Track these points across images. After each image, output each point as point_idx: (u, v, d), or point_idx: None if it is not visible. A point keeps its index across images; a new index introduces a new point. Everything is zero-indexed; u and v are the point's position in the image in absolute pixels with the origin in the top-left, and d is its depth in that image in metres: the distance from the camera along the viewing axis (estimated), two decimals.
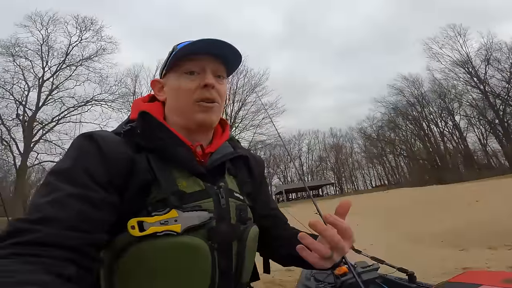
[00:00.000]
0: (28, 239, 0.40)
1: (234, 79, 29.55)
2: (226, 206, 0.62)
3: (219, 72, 0.69)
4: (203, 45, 0.65)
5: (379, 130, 43.49)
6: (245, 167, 0.75)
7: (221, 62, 0.69)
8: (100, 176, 0.51)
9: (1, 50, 20.01)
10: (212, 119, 0.67)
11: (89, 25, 22.95)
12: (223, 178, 0.66)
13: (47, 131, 21.15)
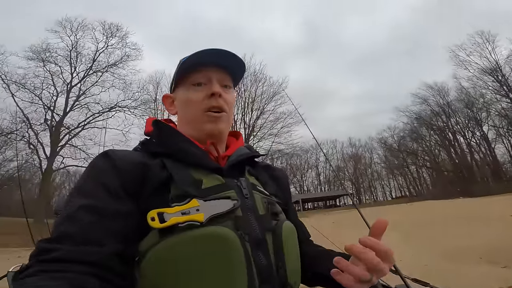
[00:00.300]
0: (50, 257, 0.43)
1: (253, 87, 29.77)
2: (250, 197, 0.59)
3: (225, 82, 0.71)
4: (208, 56, 0.67)
5: (400, 140, 42.23)
6: (267, 173, 0.74)
7: (226, 72, 0.71)
8: (113, 187, 0.52)
9: (32, 55, 21.03)
10: (220, 128, 0.68)
11: (115, 32, 23.86)
12: (243, 176, 0.65)
13: (73, 136, 21.98)
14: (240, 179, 0.62)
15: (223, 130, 0.69)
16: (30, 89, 20.61)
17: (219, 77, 0.69)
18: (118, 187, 0.52)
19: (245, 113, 29.79)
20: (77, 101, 22.40)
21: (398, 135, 42.56)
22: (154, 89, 26.91)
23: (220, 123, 0.68)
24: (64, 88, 22.17)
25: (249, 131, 29.42)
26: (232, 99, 0.72)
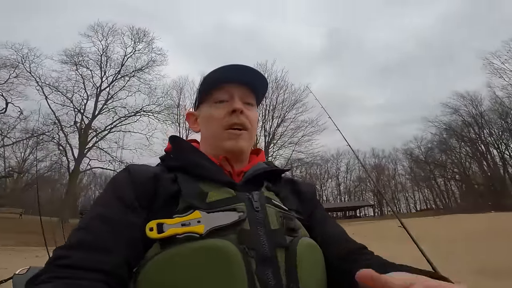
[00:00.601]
0: (64, 263, 0.44)
1: (274, 95, 29.69)
2: (262, 210, 0.56)
3: (247, 99, 0.70)
4: (230, 72, 0.67)
5: (428, 151, 40.36)
6: (290, 188, 0.71)
7: (249, 89, 0.71)
8: (129, 200, 0.54)
9: (66, 59, 22.23)
10: (241, 146, 0.67)
11: (142, 37, 24.78)
12: (258, 190, 0.62)
13: (100, 139, 22.86)
14: (253, 192, 0.59)
15: (243, 148, 0.68)
16: (63, 92, 21.78)
17: (242, 94, 0.69)
18: (133, 200, 0.54)
19: (265, 121, 29.73)
20: (105, 104, 23.34)
21: (425, 146, 40.76)
22: (177, 95, 27.53)
23: (240, 141, 0.67)
24: (94, 92, 23.24)
25: (269, 138, 29.29)
26: (255, 117, 0.72)
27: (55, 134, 21.51)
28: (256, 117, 0.73)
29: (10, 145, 21.91)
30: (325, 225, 0.67)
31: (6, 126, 20.13)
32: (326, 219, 0.70)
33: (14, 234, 13.75)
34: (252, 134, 0.70)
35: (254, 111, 0.72)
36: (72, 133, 22.13)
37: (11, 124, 20.33)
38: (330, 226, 0.68)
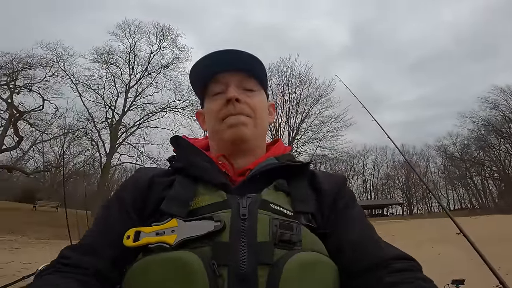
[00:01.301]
0: (65, 262, 0.51)
1: (298, 90, 29.22)
2: (250, 218, 0.48)
3: (247, 85, 0.65)
4: (221, 59, 0.63)
5: (464, 148, 37.88)
6: (308, 184, 0.61)
7: (246, 75, 0.66)
8: (126, 202, 0.57)
9: (97, 57, 23.24)
10: (243, 133, 0.61)
11: (166, 34, 25.27)
12: (259, 192, 0.54)
13: (129, 134, 23.83)
14: (248, 195, 0.52)
15: (246, 136, 0.62)
16: (95, 89, 22.86)
17: (238, 80, 0.65)
18: (129, 203, 0.56)
19: (289, 116, 29.40)
20: (134, 101, 24.25)
21: (461, 142, 38.29)
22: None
23: (241, 128, 0.61)
24: (123, 89, 24.19)
25: (293, 134, 28.96)
26: (259, 102, 0.66)
27: (88, 130, 22.71)
28: (262, 102, 0.67)
29: (48, 141, 23.44)
30: (347, 229, 0.54)
31: (43, 122, 21.46)
32: (353, 220, 0.56)
33: (49, 228, 14.59)
34: (257, 121, 0.64)
35: (258, 97, 0.66)
36: (104, 129, 23.23)
37: (48, 121, 21.63)
38: (353, 230, 0.54)
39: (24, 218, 16.71)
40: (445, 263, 7.04)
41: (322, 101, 28.30)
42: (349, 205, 0.59)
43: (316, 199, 0.58)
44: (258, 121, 0.64)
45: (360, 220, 0.57)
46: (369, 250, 0.50)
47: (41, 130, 21.24)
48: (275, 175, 0.58)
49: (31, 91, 20.48)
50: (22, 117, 20.24)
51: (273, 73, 29.80)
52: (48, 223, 15.77)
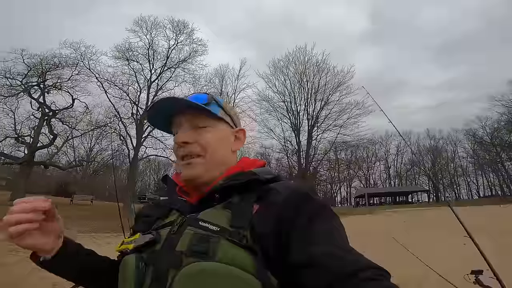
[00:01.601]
0: None
1: (316, 78, 28.80)
2: (178, 233, 0.59)
3: (198, 123, 0.70)
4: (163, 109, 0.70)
5: (494, 132, 35.95)
6: (262, 201, 0.61)
7: (196, 112, 0.70)
8: None
9: (118, 55, 23.89)
10: (192, 175, 0.68)
11: (182, 29, 25.43)
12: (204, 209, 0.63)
13: (153, 128, 24.65)
14: (191, 215, 0.62)
15: (198, 176, 0.68)
16: (119, 86, 23.69)
17: (188, 120, 0.70)
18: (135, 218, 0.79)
19: (308, 104, 29.18)
20: (156, 95, 24.95)
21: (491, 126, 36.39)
22: (219, 82, 28.31)
23: (191, 169, 0.69)
24: (145, 84, 24.92)
25: (312, 122, 28.80)
26: (213, 138, 0.70)
27: (116, 125, 23.79)
28: (217, 137, 0.71)
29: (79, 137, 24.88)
30: (308, 244, 0.52)
31: (73, 119, 22.70)
32: (316, 235, 0.53)
33: (87, 221, 15.26)
34: (209, 156, 0.69)
35: (211, 133, 0.70)
36: (130, 124, 24.22)
37: (77, 118, 22.86)
38: (316, 245, 0.51)
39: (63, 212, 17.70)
40: (470, 253, 6.98)
41: (341, 88, 27.90)
42: (312, 219, 0.56)
43: (264, 215, 0.58)
44: (210, 157, 0.69)
45: (325, 234, 0.53)
46: (334, 263, 0.48)
47: (71, 127, 22.54)
48: (228, 194, 0.63)
49: (60, 90, 21.67)
50: (55, 116, 21.56)
51: (289, 62, 29.66)
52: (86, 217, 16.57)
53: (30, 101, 20.94)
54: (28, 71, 20.14)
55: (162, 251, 0.58)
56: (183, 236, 0.58)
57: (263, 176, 0.66)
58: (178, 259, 0.54)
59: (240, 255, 0.53)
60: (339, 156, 38.30)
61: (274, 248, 0.54)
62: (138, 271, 0.58)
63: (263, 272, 0.51)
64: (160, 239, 0.61)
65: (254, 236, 0.55)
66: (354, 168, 49.45)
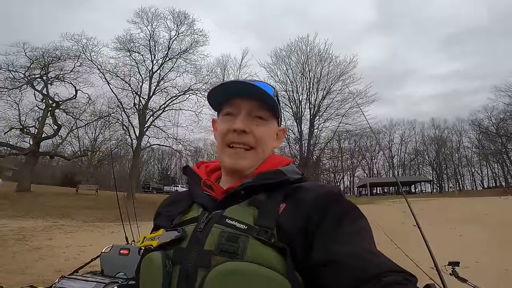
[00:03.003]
0: None
1: (318, 68, 28.46)
2: (205, 231, 0.57)
3: (258, 113, 0.67)
4: (238, 86, 0.67)
5: (500, 123, 35.36)
6: (290, 199, 0.61)
7: (259, 102, 0.67)
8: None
9: (119, 46, 23.94)
10: (240, 166, 0.66)
11: (183, 19, 25.31)
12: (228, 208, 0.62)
13: (155, 118, 24.80)
14: (217, 212, 0.60)
15: (244, 168, 0.67)
16: (121, 76, 23.75)
17: (249, 107, 0.67)
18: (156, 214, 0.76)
19: (310, 93, 28.94)
20: (158, 86, 24.96)
21: (497, 117, 35.75)
22: (221, 72, 28.22)
23: (240, 160, 0.66)
24: (147, 75, 24.93)
25: (314, 111, 28.65)
26: (265, 132, 0.68)
27: (118, 115, 23.95)
28: (268, 130, 0.69)
29: (83, 127, 25.14)
30: (334, 245, 0.51)
31: (77, 110, 22.95)
32: (342, 236, 0.52)
33: (91, 210, 15.66)
34: (258, 150, 0.67)
35: (265, 126, 0.68)
36: (132, 114, 24.37)
37: (81, 108, 23.10)
38: (341, 245, 0.50)
39: (69, 202, 18.05)
40: (463, 245, 6.98)
41: (343, 77, 27.56)
42: (340, 220, 0.55)
43: (291, 214, 0.57)
44: (259, 151, 0.67)
45: (352, 235, 0.53)
46: (357, 264, 0.47)
47: (75, 117, 22.77)
48: (254, 191, 0.62)
49: (63, 81, 21.85)
50: (59, 107, 21.76)
51: (292, 52, 29.26)
52: (91, 206, 16.97)
53: (33, 93, 21.32)
54: (31, 63, 20.43)
55: (189, 249, 0.56)
56: (211, 234, 0.56)
57: (291, 176, 0.65)
58: (206, 258, 0.54)
59: (269, 254, 0.52)
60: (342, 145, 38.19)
61: (301, 248, 0.54)
62: (165, 270, 0.56)
63: (292, 272, 0.51)
64: (186, 236, 0.58)
65: (281, 235, 0.55)
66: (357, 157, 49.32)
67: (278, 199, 0.61)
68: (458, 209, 13.55)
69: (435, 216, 12.00)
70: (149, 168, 52.44)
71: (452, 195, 30.52)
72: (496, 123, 36.02)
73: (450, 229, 9.16)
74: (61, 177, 33.97)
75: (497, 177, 44.38)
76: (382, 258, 0.49)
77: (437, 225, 9.81)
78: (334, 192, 0.60)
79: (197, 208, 0.65)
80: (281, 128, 0.76)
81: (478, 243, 7.04)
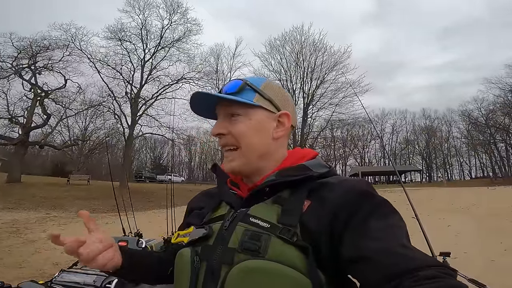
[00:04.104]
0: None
1: (312, 57, 28.34)
2: (230, 229, 0.60)
3: (230, 111, 0.68)
4: (198, 101, 0.69)
5: (489, 114, 35.97)
6: (313, 196, 0.60)
7: (230, 101, 0.66)
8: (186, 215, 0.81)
9: (110, 35, 23.46)
10: (231, 168, 0.68)
11: (176, 8, 24.81)
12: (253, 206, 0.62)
13: (148, 106, 24.51)
14: (242, 210, 0.62)
15: (234, 169, 0.68)
16: (112, 65, 23.29)
17: (224, 109, 0.68)
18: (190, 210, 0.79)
19: (303, 83, 28.92)
20: (150, 75, 24.57)
21: (486, 108, 36.35)
22: (215, 61, 27.90)
23: (229, 163, 0.68)
24: (139, 64, 24.47)
25: (308, 100, 28.71)
26: (244, 128, 0.65)
27: (110, 104, 23.57)
28: (249, 126, 0.65)
29: (73, 116, 24.74)
30: (364, 241, 0.49)
31: (67, 99, 22.49)
32: (373, 231, 0.50)
33: (83, 201, 15.57)
34: (243, 149, 0.65)
35: (243, 122, 0.65)
36: (124, 103, 24.00)
37: (71, 97, 22.66)
38: (372, 241, 0.49)
39: (61, 192, 17.82)
40: (452, 235, 7.13)
41: (337, 67, 27.54)
42: (370, 215, 0.53)
43: (316, 212, 0.56)
44: (245, 148, 0.65)
45: (383, 230, 0.51)
46: (390, 260, 0.45)
47: (65, 106, 22.31)
48: (279, 188, 0.62)
49: (52, 71, 21.33)
50: (47, 96, 21.24)
51: (286, 41, 28.98)
52: (84, 197, 16.83)
53: (21, 83, 20.77)
54: (18, 53, 19.93)
55: (215, 246, 0.59)
56: (235, 232, 0.58)
57: (316, 171, 0.64)
58: (230, 255, 0.55)
59: (290, 253, 0.52)
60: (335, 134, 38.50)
61: (326, 246, 0.53)
62: (193, 266, 0.59)
63: (314, 271, 0.51)
64: (212, 234, 0.61)
65: (305, 234, 0.54)
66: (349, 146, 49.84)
67: (302, 196, 0.60)
68: (446, 199, 13.64)
69: (424, 205, 12.25)
70: (141, 157, 52.10)
71: (441, 184, 31.25)
72: (485, 114, 36.68)
73: (439, 219, 9.30)
74: (52, 167, 33.45)
75: (485, 167, 45.46)
76: (417, 253, 0.47)
77: (426, 215, 10.04)
78: (361, 187, 0.58)
79: (225, 206, 0.67)
80: (281, 113, 0.69)
81: (466, 234, 7.21)
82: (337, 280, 0.54)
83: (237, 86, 0.66)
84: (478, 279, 1.52)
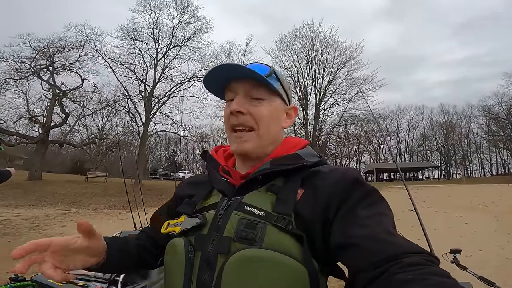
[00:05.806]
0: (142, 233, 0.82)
1: (324, 53, 27.96)
2: (224, 217, 0.58)
3: (253, 94, 0.66)
4: (223, 73, 0.65)
5: (510, 109, 34.55)
6: (307, 184, 0.60)
7: (255, 83, 0.65)
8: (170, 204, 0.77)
9: (123, 35, 23.94)
10: (244, 149, 0.66)
11: (186, 7, 25.03)
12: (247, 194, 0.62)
13: (161, 104, 24.90)
14: (235, 198, 0.61)
15: (248, 151, 0.66)
16: (126, 65, 23.79)
17: (246, 89, 0.65)
18: (177, 197, 0.76)
19: (315, 79, 28.60)
20: (163, 73, 24.93)
21: (507, 103, 34.88)
22: (226, 59, 27.92)
23: (243, 143, 0.65)
24: (152, 63, 24.89)
25: (320, 96, 28.41)
26: (265, 112, 0.66)
27: (125, 103, 24.14)
28: (270, 110, 0.66)
29: (90, 115, 25.58)
30: (352, 227, 0.50)
31: (84, 98, 23.24)
32: (361, 218, 0.51)
33: (101, 198, 16.06)
34: (261, 132, 0.65)
35: (265, 105, 0.66)
36: (138, 102, 24.51)
37: (88, 97, 23.39)
38: (360, 228, 0.50)
39: (79, 189, 18.49)
40: (469, 233, 6.99)
41: (350, 63, 27.07)
42: (358, 203, 0.54)
43: (309, 201, 0.57)
44: (262, 132, 0.66)
45: (370, 217, 0.51)
46: (375, 247, 0.46)
47: (82, 106, 23.01)
48: (272, 176, 0.62)
49: (69, 71, 22.02)
50: (65, 96, 21.95)
51: (297, 38, 28.72)
52: (101, 193, 17.34)
53: (40, 83, 21.52)
54: (36, 54, 20.56)
55: (210, 236, 0.58)
56: (230, 221, 0.57)
57: (309, 160, 0.65)
58: (226, 245, 0.55)
59: (286, 241, 0.53)
60: (348, 130, 37.93)
61: (319, 234, 0.54)
62: (188, 256, 0.57)
63: (309, 259, 0.52)
64: (206, 223, 0.60)
65: (299, 222, 0.55)
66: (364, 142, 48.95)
67: (295, 184, 0.60)
68: (465, 196, 13.43)
69: (442, 203, 11.96)
70: (156, 154, 53.04)
71: (460, 181, 30.24)
72: (506, 109, 35.17)
73: (456, 216, 9.13)
74: (71, 165, 34.62)
75: (506, 164, 43.74)
76: (402, 240, 0.48)
77: (443, 212, 9.80)
78: (352, 176, 0.59)
79: (217, 195, 0.65)
80: (291, 106, 0.73)
81: (483, 232, 7.04)
82: (328, 268, 0.56)
83: (267, 70, 0.66)
84: (490, 278, 1.47)
